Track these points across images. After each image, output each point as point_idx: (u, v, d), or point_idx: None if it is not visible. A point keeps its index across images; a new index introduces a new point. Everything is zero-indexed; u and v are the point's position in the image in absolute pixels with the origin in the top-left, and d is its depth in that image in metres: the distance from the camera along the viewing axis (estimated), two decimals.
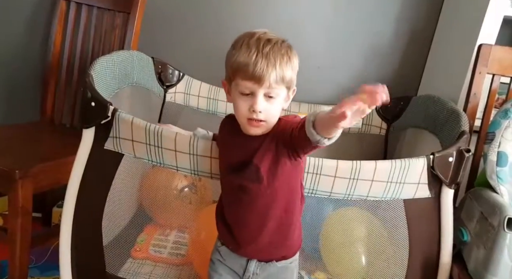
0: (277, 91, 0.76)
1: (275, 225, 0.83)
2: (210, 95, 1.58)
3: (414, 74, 1.59)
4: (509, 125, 1.00)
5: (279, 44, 0.75)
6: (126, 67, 1.26)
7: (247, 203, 0.82)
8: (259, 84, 0.74)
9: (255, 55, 0.73)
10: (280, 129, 0.79)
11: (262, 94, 0.75)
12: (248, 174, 0.80)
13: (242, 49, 0.75)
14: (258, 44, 0.74)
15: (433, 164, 0.92)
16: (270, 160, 0.78)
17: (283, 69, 0.74)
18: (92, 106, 0.95)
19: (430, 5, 1.51)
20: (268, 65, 0.72)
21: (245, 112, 0.77)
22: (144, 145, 0.95)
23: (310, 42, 1.59)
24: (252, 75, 0.73)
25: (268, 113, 0.76)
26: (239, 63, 0.74)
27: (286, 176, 0.80)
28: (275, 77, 0.73)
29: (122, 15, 1.44)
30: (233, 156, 0.83)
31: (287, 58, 0.75)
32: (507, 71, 1.15)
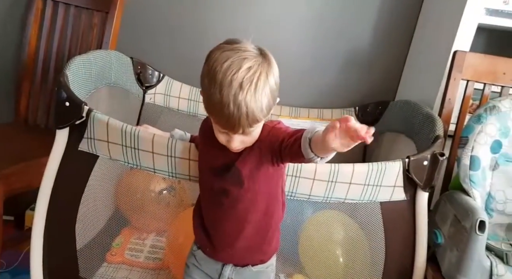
0: (253, 129, 0.73)
1: (254, 229, 0.82)
2: (191, 97, 1.57)
3: (392, 79, 1.62)
4: (482, 130, 1.03)
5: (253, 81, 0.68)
6: (104, 67, 1.23)
7: (227, 207, 0.81)
8: (233, 132, 0.72)
9: (227, 106, 0.67)
10: (267, 137, 0.78)
11: (238, 135, 0.73)
12: (230, 177, 0.79)
13: (216, 88, 0.68)
14: (229, 88, 0.67)
15: (408, 167, 0.94)
16: (252, 164, 0.78)
17: (257, 114, 0.69)
18: (67, 106, 0.92)
19: (407, 12, 1.54)
20: (241, 117, 0.68)
21: (223, 141, 0.76)
22: (120, 146, 0.93)
23: (291, 47, 1.60)
24: (225, 125, 0.71)
25: (245, 142, 0.76)
26: (213, 106, 0.70)
27: (267, 180, 0.80)
28: (247, 125, 0.70)
29: (101, 14, 1.41)
30: (215, 159, 0.82)
31: (261, 92, 0.68)
32: (481, 78, 1.18)
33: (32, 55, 1.48)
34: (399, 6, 1.53)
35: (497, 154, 1.05)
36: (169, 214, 1.27)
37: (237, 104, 0.67)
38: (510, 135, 1.04)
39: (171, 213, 1.27)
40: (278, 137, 0.75)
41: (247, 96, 0.67)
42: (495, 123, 1.02)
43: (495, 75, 1.16)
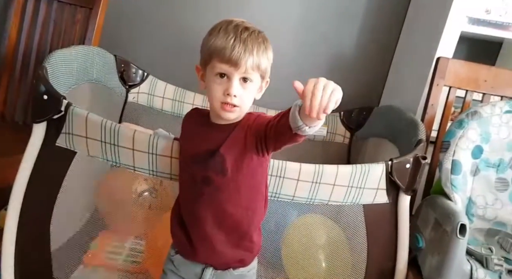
0: (252, 77, 0.77)
1: (234, 223, 0.81)
2: (175, 97, 1.55)
3: (377, 85, 1.64)
4: (463, 135, 1.04)
5: (256, 33, 0.77)
6: (85, 63, 1.21)
7: (207, 196, 0.80)
8: (235, 68, 0.74)
9: (233, 40, 0.74)
10: (253, 121, 0.78)
11: (238, 79, 0.76)
12: (213, 164, 0.78)
13: (220, 34, 0.75)
14: (236, 30, 0.75)
15: (391, 169, 0.94)
16: (237, 151, 0.77)
17: (260, 57, 0.76)
18: (45, 100, 0.90)
19: (392, 19, 1.56)
20: (246, 51, 0.74)
21: (219, 96, 0.76)
22: (99, 142, 0.91)
23: (278, 52, 1.59)
24: (229, 59, 0.74)
25: (242, 98, 0.77)
26: (217, 46, 0.75)
27: (251, 171, 0.79)
28: (251, 63, 0.75)
29: (84, 10, 1.39)
30: (198, 146, 0.81)
31: (263, 48, 0.77)
32: (463, 84, 1.19)
33: (11, 50, 1.44)
34: (384, 13, 1.56)
35: (478, 159, 1.06)
36: (150, 216, 1.24)
37: (243, 38, 0.74)
38: (490, 141, 1.05)
39: (152, 215, 1.24)
40: (264, 122, 0.76)
41: (252, 35, 0.75)
42: (477, 128, 1.04)
43: (477, 82, 1.19)
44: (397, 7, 1.54)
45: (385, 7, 1.55)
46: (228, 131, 0.79)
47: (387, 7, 1.55)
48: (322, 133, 1.60)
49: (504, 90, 1.16)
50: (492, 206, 1.06)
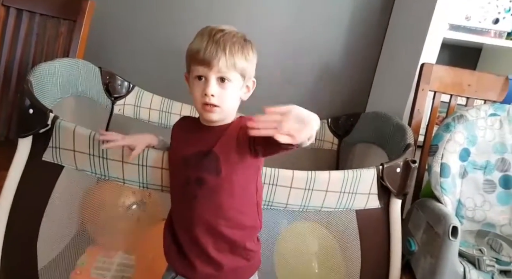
0: (229, 76, 0.77)
1: (228, 226, 0.79)
2: (162, 108, 1.53)
3: (362, 91, 1.66)
4: (451, 138, 1.06)
5: (231, 34, 0.78)
6: (70, 75, 1.19)
7: (202, 198, 0.79)
8: (209, 68, 0.76)
9: (206, 42, 0.76)
10: (245, 123, 0.76)
11: (214, 79, 0.77)
12: (207, 164, 0.78)
13: (197, 39, 0.79)
14: (210, 33, 0.78)
15: (382, 174, 0.95)
16: (230, 152, 0.77)
17: (233, 56, 0.77)
18: (30, 114, 0.88)
19: (376, 27, 1.59)
20: (218, 50, 0.75)
21: (199, 97, 0.78)
22: (87, 155, 0.89)
23: (265, 60, 1.60)
24: (202, 60, 0.76)
25: (221, 98, 0.77)
26: (193, 50, 0.78)
27: (244, 173, 0.79)
28: (224, 62, 0.76)
29: (68, 22, 1.37)
30: (190, 148, 0.81)
31: (239, 46, 0.78)
32: (447, 89, 1.22)
33: None
34: (368, 21, 1.59)
35: (466, 162, 1.08)
36: (138, 230, 1.22)
37: (216, 39, 0.76)
38: (477, 144, 1.07)
39: (141, 229, 1.22)
40: None
41: (226, 36, 0.77)
42: (463, 131, 1.06)
43: (461, 87, 1.21)
44: (381, 15, 1.58)
45: (369, 16, 1.58)
46: (221, 132, 0.79)
47: (370, 15, 1.58)
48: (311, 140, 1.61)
49: (487, 93, 1.19)
50: (481, 207, 1.08)
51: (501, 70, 1.36)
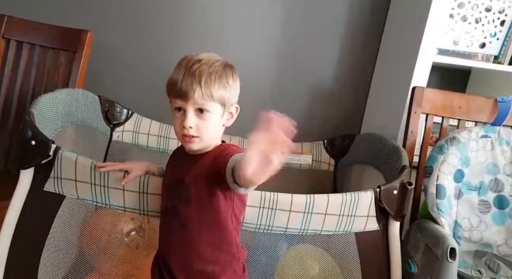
0: (207, 107, 0.77)
1: (199, 260, 0.79)
2: (161, 133, 1.55)
3: (357, 112, 1.69)
4: (445, 160, 1.08)
5: (209, 64, 0.78)
6: (71, 105, 1.21)
7: (175, 228, 0.79)
8: (185, 101, 0.76)
9: (183, 74, 0.76)
10: (220, 152, 0.78)
11: (192, 111, 0.77)
12: (178, 192, 0.79)
13: (175, 70, 0.79)
14: (187, 64, 0.78)
15: (380, 196, 0.96)
16: (200, 180, 0.77)
17: (209, 86, 0.76)
18: (32, 145, 0.89)
19: (367, 48, 1.64)
20: (193, 82, 0.75)
21: (178, 130, 0.79)
22: (88, 184, 0.90)
23: (257, 83, 1.64)
24: (179, 93, 0.76)
25: (200, 129, 0.77)
26: (170, 82, 0.78)
27: (215, 204, 0.77)
28: (200, 94, 0.75)
29: (68, 53, 1.40)
30: (171, 175, 0.83)
31: (215, 77, 0.77)
32: (439, 111, 1.25)
33: None
34: (359, 45, 1.63)
35: (460, 183, 1.10)
36: (138, 256, 1.21)
37: (192, 71, 0.76)
38: (470, 165, 1.10)
39: (140, 255, 1.21)
40: (226, 158, 0.73)
41: (202, 67, 0.76)
42: (456, 153, 1.08)
43: (452, 109, 1.25)
44: (372, 38, 1.62)
45: (360, 39, 1.63)
46: (196, 161, 0.79)
47: (361, 39, 1.63)
48: (307, 161, 1.63)
49: (478, 115, 1.23)
50: (477, 228, 1.10)
51: (490, 92, 1.41)
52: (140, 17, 1.56)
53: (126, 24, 1.56)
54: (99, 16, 1.53)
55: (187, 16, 1.58)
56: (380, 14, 1.59)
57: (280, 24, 1.61)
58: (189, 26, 1.59)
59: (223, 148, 0.80)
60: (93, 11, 1.53)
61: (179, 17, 1.57)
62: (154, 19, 1.57)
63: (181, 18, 1.58)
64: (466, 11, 1.29)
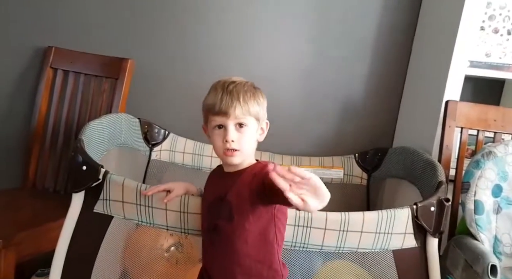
0: (246, 121, 0.84)
1: (244, 274, 0.82)
2: (195, 151, 1.61)
3: (388, 126, 1.68)
4: (482, 175, 1.07)
5: (242, 84, 0.86)
6: (115, 129, 1.29)
7: (218, 246, 0.83)
8: (227, 117, 0.83)
9: (221, 94, 0.84)
10: (259, 170, 0.82)
11: (233, 126, 0.83)
12: (220, 211, 0.82)
13: (211, 93, 0.87)
14: (223, 86, 0.85)
15: (417, 213, 0.96)
16: (242, 198, 0.80)
17: (247, 102, 0.84)
18: (83, 170, 0.96)
19: (398, 63, 1.63)
20: (233, 100, 0.83)
21: (220, 145, 0.84)
22: (134, 205, 0.96)
23: (289, 98, 1.67)
24: (219, 110, 0.83)
25: (240, 142, 0.83)
26: (209, 103, 0.86)
27: (258, 219, 0.81)
28: (240, 110, 0.83)
29: (110, 80, 1.48)
30: (211, 195, 0.87)
31: (250, 94, 0.85)
32: (473, 125, 1.24)
33: (41, 122, 1.53)
34: (389, 58, 1.63)
35: (499, 198, 1.08)
36: (177, 271, 1.25)
37: (229, 90, 0.84)
38: (509, 179, 1.08)
39: (179, 270, 1.25)
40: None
41: (237, 86, 0.85)
42: (493, 168, 1.07)
43: (487, 122, 1.23)
44: (402, 51, 1.61)
45: (390, 53, 1.62)
46: (235, 178, 0.84)
47: (392, 53, 1.62)
48: (339, 175, 1.63)
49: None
50: None
51: None
52: (174, 45, 1.63)
53: (163, 51, 1.64)
54: (138, 44, 1.62)
55: (216, 41, 1.63)
56: (409, 27, 1.59)
57: (309, 39, 1.63)
58: (219, 51, 1.64)
59: (261, 166, 0.85)
60: (133, 40, 1.62)
61: (209, 43, 1.63)
62: (186, 46, 1.63)
63: (211, 43, 1.64)
64: (498, 23, 1.28)
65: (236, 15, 1.62)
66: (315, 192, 0.63)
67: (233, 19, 1.62)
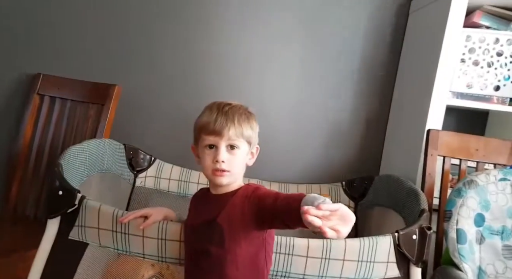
0: (238, 143, 0.84)
1: None
2: (181, 178, 1.60)
3: (374, 153, 1.69)
4: (464, 204, 1.06)
5: (237, 107, 0.88)
6: (97, 155, 1.28)
7: (206, 270, 0.80)
8: (220, 137, 0.83)
9: (216, 114, 0.85)
10: (251, 192, 0.82)
11: (224, 146, 0.84)
12: (210, 235, 0.80)
13: (206, 112, 0.88)
14: (219, 107, 0.87)
15: (398, 241, 0.95)
16: (234, 221, 0.79)
17: (241, 125, 0.85)
18: (60, 195, 0.94)
19: (382, 95, 1.66)
20: (227, 121, 0.84)
21: (210, 164, 0.84)
22: (110, 232, 0.94)
23: (277, 126, 1.68)
24: (213, 130, 0.84)
25: (231, 164, 0.83)
26: (203, 122, 0.86)
27: (249, 243, 0.80)
28: (234, 131, 0.84)
29: (96, 106, 1.49)
30: (198, 218, 0.85)
31: (245, 117, 0.86)
32: (455, 154, 1.24)
33: (26, 148, 1.51)
34: (374, 88, 1.66)
35: (481, 227, 1.07)
36: None
37: (224, 111, 0.85)
38: (491, 209, 1.07)
39: None
40: (265, 198, 0.79)
41: (233, 108, 0.86)
42: (475, 197, 1.06)
43: (469, 152, 1.24)
44: (386, 82, 1.64)
45: (375, 84, 1.65)
46: (226, 201, 0.83)
47: (376, 84, 1.65)
48: None
49: (496, 158, 1.21)
50: (503, 274, 1.05)
51: (511, 134, 1.39)
52: (160, 71, 1.65)
53: (150, 78, 1.66)
54: (125, 70, 1.64)
55: (204, 68, 1.66)
56: (393, 60, 1.63)
57: (298, 70, 1.66)
58: (206, 78, 1.66)
59: (253, 188, 0.84)
60: (120, 66, 1.64)
61: (197, 70, 1.66)
62: (174, 73, 1.65)
63: (199, 70, 1.66)
64: (478, 56, 1.31)
65: (225, 44, 1.65)
66: (345, 219, 0.63)
67: (222, 48, 1.65)
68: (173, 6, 1.61)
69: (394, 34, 1.62)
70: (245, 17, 1.63)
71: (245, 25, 1.64)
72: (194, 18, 1.62)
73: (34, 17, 1.61)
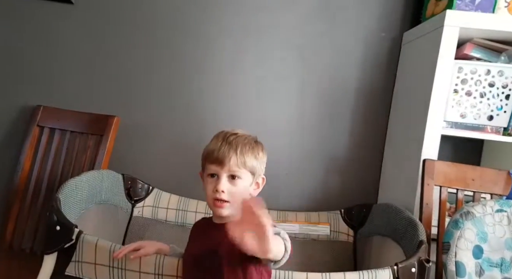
0: (239, 174, 0.84)
1: None
2: (179, 207, 1.59)
3: (372, 182, 1.69)
4: (461, 236, 1.06)
5: (244, 137, 0.88)
6: (95, 187, 1.28)
7: None
8: (221, 167, 0.84)
9: (220, 143, 0.86)
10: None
11: (225, 176, 0.84)
12: (209, 263, 0.79)
13: (213, 141, 0.90)
14: (225, 136, 0.88)
15: (398, 274, 0.94)
16: (234, 253, 0.77)
17: (244, 155, 0.85)
18: (57, 230, 0.94)
19: (377, 124, 1.68)
20: (230, 150, 0.85)
21: (210, 193, 0.84)
22: (107, 267, 0.93)
23: (277, 154, 1.69)
24: (215, 159, 0.84)
25: (231, 194, 0.83)
26: (208, 150, 0.88)
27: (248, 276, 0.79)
28: (235, 161, 0.84)
29: (95, 137, 1.50)
30: (198, 247, 0.84)
31: (249, 147, 0.86)
32: (452, 184, 1.25)
33: (24, 180, 1.50)
34: (370, 119, 1.68)
35: (480, 259, 1.06)
36: None
37: (229, 141, 0.85)
38: (488, 240, 1.07)
39: None
40: None
41: (238, 138, 0.86)
42: (472, 228, 1.06)
43: (465, 182, 1.24)
44: (381, 111, 1.67)
45: (370, 114, 1.68)
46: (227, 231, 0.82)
47: (372, 114, 1.68)
48: (325, 232, 1.61)
49: (492, 188, 1.22)
50: None
51: (506, 163, 1.40)
52: (159, 102, 1.67)
53: (149, 109, 1.67)
54: (124, 101, 1.66)
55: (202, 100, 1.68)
56: (387, 91, 1.66)
57: (296, 98, 1.69)
58: (204, 109, 1.68)
59: None
60: (120, 98, 1.66)
61: (195, 101, 1.68)
62: (171, 104, 1.67)
63: (197, 101, 1.68)
64: (470, 86, 1.33)
65: (223, 75, 1.67)
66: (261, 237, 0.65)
67: (220, 79, 1.68)
68: (172, 39, 1.65)
69: (388, 65, 1.65)
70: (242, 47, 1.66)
71: (243, 55, 1.67)
72: (192, 51, 1.65)
73: (35, 51, 1.64)
